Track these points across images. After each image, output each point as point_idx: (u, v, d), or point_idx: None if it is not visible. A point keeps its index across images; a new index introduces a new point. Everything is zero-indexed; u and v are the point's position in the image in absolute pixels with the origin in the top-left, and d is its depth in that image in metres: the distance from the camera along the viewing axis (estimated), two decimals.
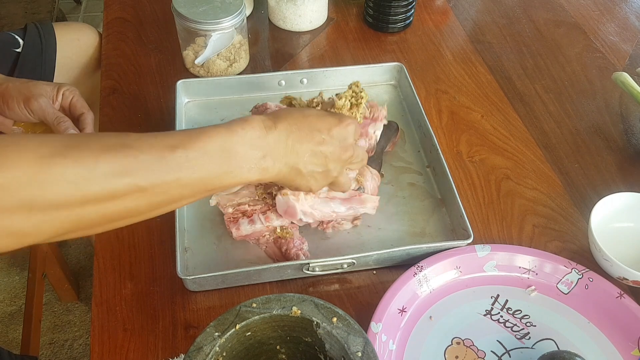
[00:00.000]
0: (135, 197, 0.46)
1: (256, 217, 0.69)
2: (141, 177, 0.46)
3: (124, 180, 0.45)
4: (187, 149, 0.48)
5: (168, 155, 0.47)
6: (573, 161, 0.84)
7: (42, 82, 0.75)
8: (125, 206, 0.46)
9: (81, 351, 1.42)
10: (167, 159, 0.47)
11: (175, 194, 0.49)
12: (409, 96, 0.88)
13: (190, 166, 0.48)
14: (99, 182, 0.44)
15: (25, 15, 1.58)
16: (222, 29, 0.87)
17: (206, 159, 0.49)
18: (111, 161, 0.44)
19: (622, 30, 1.08)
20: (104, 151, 0.44)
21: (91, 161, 0.43)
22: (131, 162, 0.45)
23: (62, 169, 0.42)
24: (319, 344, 0.51)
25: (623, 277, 0.67)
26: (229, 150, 0.51)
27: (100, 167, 0.44)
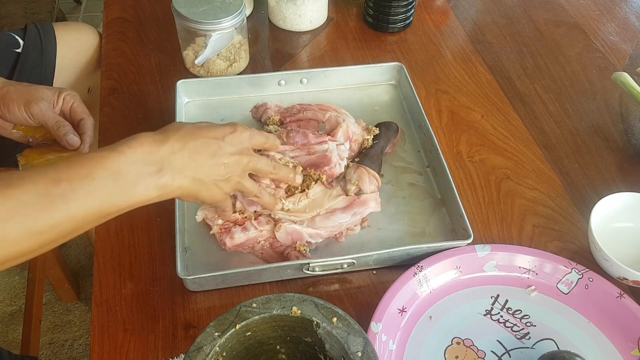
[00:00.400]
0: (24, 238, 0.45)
1: (249, 224, 0.69)
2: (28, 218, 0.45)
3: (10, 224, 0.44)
4: (72, 179, 0.47)
5: (52, 190, 0.46)
6: (573, 161, 0.84)
7: (43, 87, 0.75)
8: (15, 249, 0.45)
9: (81, 351, 1.42)
10: (51, 195, 0.46)
11: (67, 227, 0.48)
12: (409, 96, 0.88)
13: (77, 197, 0.47)
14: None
15: (25, 15, 1.58)
16: (222, 29, 0.87)
17: (93, 186, 0.48)
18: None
19: (622, 30, 1.08)
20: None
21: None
22: (14, 205, 0.44)
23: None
24: (319, 344, 0.51)
25: (623, 277, 0.67)
26: (117, 172, 0.49)
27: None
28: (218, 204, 0.61)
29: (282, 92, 0.90)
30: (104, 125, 0.85)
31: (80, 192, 0.47)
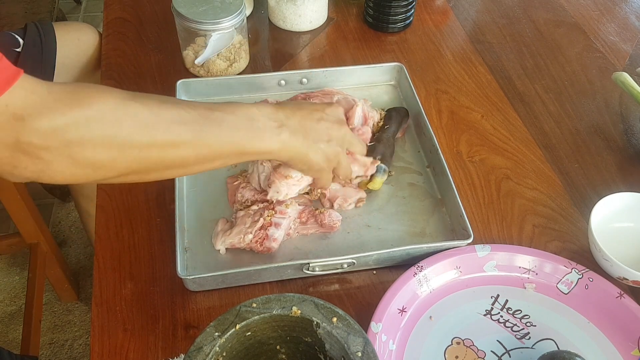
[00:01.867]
0: (187, 147, 0.54)
1: (275, 219, 0.69)
2: (192, 128, 0.54)
3: (181, 129, 0.53)
4: (223, 111, 0.57)
5: (209, 114, 0.56)
6: (573, 161, 0.84)
7: None
8: (179, 154, 0.54)
9: (81, 351, 1.42)
10: (209, 118, 0.56)
11: (217, 149, 0.57)
12: (409, 96, 0.88)
13: (226, 126, 0.57)
14: (162, 127, 0.52)
15: (25, 15, 1.58)
16: (222, 29, 0.87)
17: (237, 121, 0.57)
18: (171, 111, 0.53)
19: (622, 30, 1.08)
20: (164, 103, 0.53)
21: (156, 108, 0.52)
22: (184, 115, 0.54)
23: (135, 110, 0.51)
24: (319, 344, 0.51)
25: (623, 277, 0.67)
26: (252, 118, 0.59)
27: (163, 114, 0.52)
28: (320, 172, 0.66)
29: (282, 92, 0.89)
30: None
31: (227, 122, 0.57)
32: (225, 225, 0.71)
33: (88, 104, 0.48)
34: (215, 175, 0.78)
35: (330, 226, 0.71)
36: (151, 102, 0.52)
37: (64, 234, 1.66)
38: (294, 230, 0.71)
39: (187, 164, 0.56)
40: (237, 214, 0.71)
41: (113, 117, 0.49)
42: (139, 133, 0.51)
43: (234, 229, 0.69)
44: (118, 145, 0.50)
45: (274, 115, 0.61)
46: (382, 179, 0.76)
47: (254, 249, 0.69)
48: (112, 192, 0.76)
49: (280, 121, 0.61)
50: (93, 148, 0.49)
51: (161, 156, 0.53)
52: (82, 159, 0.49)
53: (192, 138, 0.54)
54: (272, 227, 0.69)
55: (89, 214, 1.28)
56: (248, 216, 0.70)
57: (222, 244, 0.69)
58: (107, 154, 0.50)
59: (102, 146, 0.49)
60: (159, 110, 0.52)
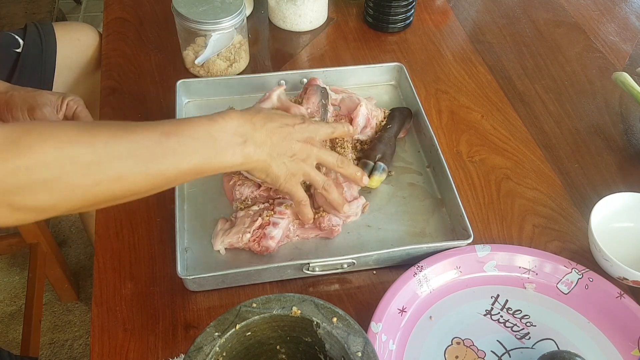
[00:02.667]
0: (138, 179, 0.53)
1: (273, 219, 0.69)
2: (143, 161, 0.53)
3: (129, 163, 0.52)
4: (179, 135, 0.55)
5: (164, 141, 0.54)
6: (573, 161, 0.84)
7: (46, 92, 0.75)
8: (129, 187, 0.53)
9: (81, 351, 1.42)
10: (163, 145, 0.54)
11: (171, 175, 0.55)
12: (409, 96, 0.88)
13: (183, 151, 0.55)
14: (108, 165, 0.50)
15: (25, 15, 1.58)
16: (222, 29, 0.87)
17: (196, 144, 0.56)
18: (118, 146, 0.51)
19: (622, 30, 1.08)
20: (111, 137, 0.51)
21: (101, 146, 0.50)
22: (134, 147, 0.52)
23: (77, 152, 0.49)
24: (319, 344, 0.51)
25: (623, 277, 0.67)
26: (214, 137, 0.57)
27: (109, 151, 0.50)
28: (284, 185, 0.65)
29: None
30: None
31: (185, 147, 0.55)
32: (224, 225, 0.71)
33: (27, 152, 0.46)
34: (216, 175, 0.78)
35: (330, 230, 0.71)
36: (97, 139, 0.50)
37: (64, 234, 1.66)
38: (293, 233, 0.71)
39: (140, 192, 0.55)
40: (237, 214, 0.71)
41: (54, 163, 0.47)
42: (82, 175, 0.49)
43: (233, 228, 0.69)
44: (60, 190, 0.49)
45: (240, 129, 0.60)
46: (381, 177, 0.76)
47: (252, 248, 0.69)
48: None
49: (246, 136, 0.60)
50: (34, 195, 0.47)
51: (109, 191, 0.52)
52: (22, 206, 0.47)
53: (142, 171, 0.53)
54: (270, 226, 0.69)
55: (89, 214, 1.28)
56: (247, 216, 0.70)
57: (222, 244, 0.69)
58: (50, 199, 0.48)
59: (43, 192, 0.48)
60: (105, 148, 0.50)
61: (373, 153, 0.77)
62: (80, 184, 0.49)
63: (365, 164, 0.76)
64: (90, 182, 0.50)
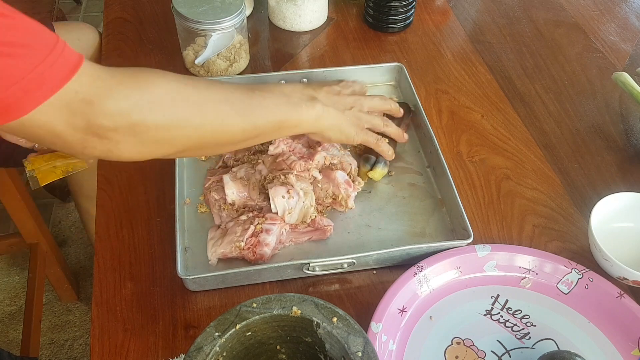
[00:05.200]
0: (235, 123, 0.60)
1: (265, 226, 0.68)
2: (238, 108, 0.60)
3: (228, 107, 0.59)
4: (262, 90, 0.64)
5: (251, 95, 0.62)
6: (573, 161, 0.84)
7: None
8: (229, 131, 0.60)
9: (81, 351, 1.42)
10: (252, 97, 0.62)
11: (261, 125, 0.63)
12: (409, 96, 0.88)
13: (267, 104, 0.63)
14: (211, 106, 0.58)
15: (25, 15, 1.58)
16: (222, 29, 0.87)
17: (275, 99, 0.64)
18: (218, 92, 0.59)
19: (622, 30, 1.08)
20: (210, 85, 0.60)
21: (203, 89, 0.58)
22: (229, 95, 0.60)
23: (187, 94, 0.56)
24: (319, 344, 0.51)
25: (623, 277, 0.67)
26: (287, 94, 0.67)
27: (211, 95, 0.58)
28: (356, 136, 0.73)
29: None
30: None
31: (268, 100, 0.63)
32: (215, 233, 0.70)
33: (147, 88, 0.53)
34: None
35: (322, 230, 0.71)
36: (199, 84, 0.58)
37: (64, 234, 1.66)
38: (286, 237, 0.71)
39: (235, 141, 0.62)
40: (227, 224, 0.71)
41: (170, 100, 0.54)
42: (192, 113, 0.56)
43: (224, 238, 0.68)
44: (176, 126, 0.55)
45: (305, 90, 0.68)
46: (383, 170, 0.77)
47: (246, 257, 0.68)
48: (112, 192, 0.76)
49: (311, 95, 0.68)
50: (155, 128, 0.53)
51: (214, 134, 0.59)
52: (146, 138, 0.53)
53: (239, 117, 0.60)
54: (264, 234, 0.68)
55: (89, 214, 1.28)
56: (238, 225, 0.69)
57: (214, 255, 0.68)
58: (168, 133, 0.55)
59: (162, 126, 0.54)
60: (207, 93, 0.58)
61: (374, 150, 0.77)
62: (191, 122, 0.56)
63: (368, 159, 0.78)
64: (200, 120, 0.57)
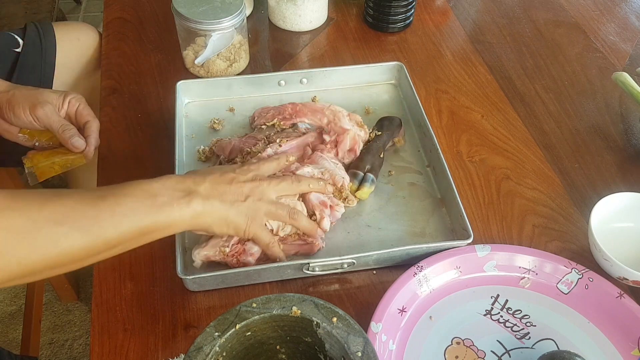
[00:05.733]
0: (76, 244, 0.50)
1: None
2: (80, 223, 0.50)
3: (64, 228, 0.49)
4: (116, 195, 0.53)
5: (100, 203, 0.52)
6: (573, 161, 0.84)
7: (48, 90, 0.75)
8: (67, 253, 0.50)
9: (81, 351, 1.42)
10: (99, 206, 0.52)
11: (112, 238, 0.52)
12: (409, 96, 0.88)
13: (121, 211, 0.53)
14: (43, 231, 0.48)
15: (25, 15, 1.58)
16: (222, 29, 0.87)
17: (134, 202, 0.54)
18: (52, 211, 0.49)
19: (622, 30, 1.08)
20: (44, 202, 0.49)
21: (35, 211, 0.48)
22: (69, 211, 0.50)
23: (8, 220, 0.47)
24: (319, 344, 0.51)
25: (623, 277, 0.67)
26: (154, 194, 0.55)
27: (43, 216, 0.49)
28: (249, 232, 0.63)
29: (282, 92, 0.89)
30: (104, 125, 0.85)
31: (123, 207, 0.53)
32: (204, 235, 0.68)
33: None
34: None
35: (310, 247, 0.69)
36: (31, 204, 0.49)
37: None
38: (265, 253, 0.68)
39: (81, 259, 0.52)
40: None
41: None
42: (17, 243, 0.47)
43: (210, 240, 0.67)
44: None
45: (179, 185, 0.58)
46: (370, 189, 0.75)
47: (229, 264, 0.66)
48: None
49: (188, 190, 0.58)
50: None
51: (46, 259, 0.49)
52: None
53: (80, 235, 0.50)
54: (250, 243, 0.66)
55: None
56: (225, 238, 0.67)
57: (197, 256, 0.66)
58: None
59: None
60: (39, 213, 0.49)
61: (362, 164, 0.76)
62: (15, 252, 0.47)
63: (355, 174, 0.75)
64: (26, 250, 0.48)
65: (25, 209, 0.48)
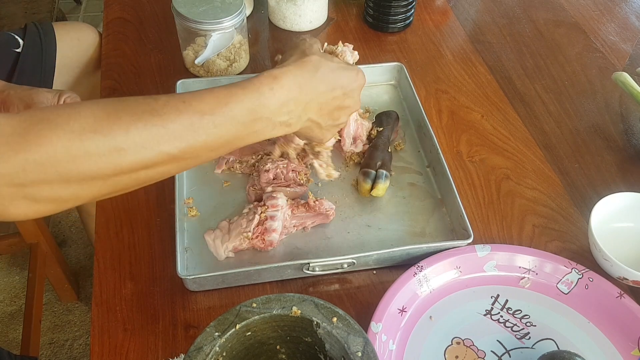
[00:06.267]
0: (166, 164, 0.49)
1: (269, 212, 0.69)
2: (171, 145, 0.48)
3: (155, 150, 0.47)
4: (215, 114, 0.50)
5: (196, 122, 0.49)
6: (573, 161, 0.84)
7: (43, 89, 0.75)
8: (156, 172, 0.49)
9: (81, 351, 1.42)
10: (195, 126, 0.49)
11: (202, 155, 0.51)
12: (409, 96, 0.88)
13: (217, 132, 0.50)
14: (130, 154, 0.46)
15: (25, 15, 1.58)
16: (222, 29, 0.87)
17: (233, 124, 0.51)
18: (141, 133, 0.46)
19: (622, 30, 1.08)
20: (133, 122, 0.46)
21: (122, 134, 0.45)
22: (160, 131, 0.47)
23: (93, 143, 0.44)
24: (319, 344, 0.51)
25: (623, 277, 0.67)
26: (256, 114, 0.52)
27: (131, 139, 0.46)
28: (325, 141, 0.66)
29: None
30: None
31: (220, 127, 0.50)
32: (216, 233, 0.70)
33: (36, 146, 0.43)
34: (215, 176, 0.78)
35: (325, 215, 0.72)
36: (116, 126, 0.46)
37: (64, 234, 1.66)
38: (290, 224, 0.71)
39: (169, 174, 0.51)
40: (232, 219, 0.71)
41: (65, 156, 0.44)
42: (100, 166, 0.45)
43: (231, 232, 0.69)
44: (77, 181, 0.45)
45: (286, 107, 0.55)
46: (385, 185, 0.75)
47: (256, 246, 0.69)
48: None
49: (292, 113, 0.56)
50: (50, 187, 0.45)
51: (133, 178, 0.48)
52: (40, 197, 0.45)
53: (171, 156, 0.48)
54: (269, 220, 0.69)
55: (89, 214, 1.28)
56: (242, 218, 0.70)
57: (226, 250, 0.69)
58: (68, 190, 0.45)
59: (59, 184, 0.45)
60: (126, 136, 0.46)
61: (373, 161, 0.76)
62: (99, 174, 0.46)
63: (368, 174, 0.75)
64: (111, 171, 0.46)
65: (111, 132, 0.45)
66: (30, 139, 0.43)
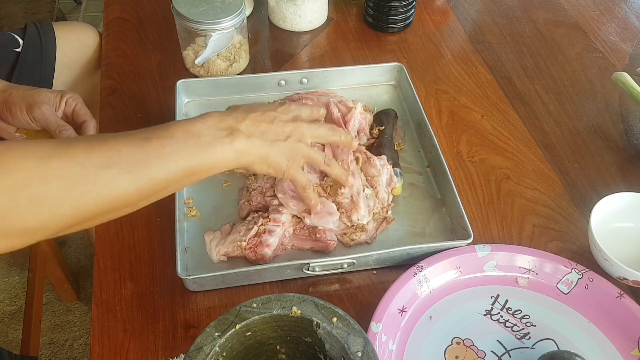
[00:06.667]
0: (126, 187, 0.50)
1: (269, 226, 0.68)
2: (127, 167, 0.50)
3: (113, 171, 0.49)
4: (160, 137, 0.53)
5: (145, 145, 0.52)
6: (573, 161, 0.84)
7: (45, 90, 0.75)
8: (119, 196, 0.50)
9: (81, 351, 1.42)
10: (144, 149, 0.51)
11: (161, 180, 0.53)
12: (409, 96, 0.88)
13: (166, 153, 0.52)
14: (92, 176, 0.48)
15: (25, 15, 1.58)
16: (222, 29, 0.87)
17: (179, 145, 0.54)
18: (98, 156, 0.49)
19: (622, 30, 1.08)
20: (89, 148, 0.49)
21: (81, 157, 0.48)
22: (115, 154, 0.50)
23: (58, 166, 0.47)
24: (319, 344, 0.51)
25: (623, 277, 0.67)
26: (195, 134, 0.55)
27: (91, 161, 0.48)
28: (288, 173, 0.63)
29: (282, 93, 0.89)
30: (104, 125, 0.85)
31: (168, 149, 0.53)
32: (215, 234, 0.70)
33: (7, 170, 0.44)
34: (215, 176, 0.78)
35: (325, 244, 0.70)
36: (77, 150, 0.48)
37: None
38: (288, 241, 0.70)
39: (132, 202, 0.52)
40: (234, 224, 0.71)
41: (37, 179, 0.45)
42: (68, 188, 0.47)
43: (227, 237, 0.69)
44: (48, 207, 0.46)
45: (221, 124, 0.57)
46: (401, 182, 0.76)
47: (247, 256, 0.68)
48: None
49: (230, 128, 0.57)
50: (21, 215, 0.45)
51: (99, 203, 0.49)
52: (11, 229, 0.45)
53: (129, 178, 0.50)
54: (266, 234, 0.68)
55: None
56: (242, 224, 0.70)
57: (218, 254, 0.68)
58: (38, 218, 0.46)
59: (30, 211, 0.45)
60: (86, 158, 0.48)
61: None
62: (68, 198, 0.47)
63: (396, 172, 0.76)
64: (78, 195, 0.47)
65: (73, 155, 0.48)
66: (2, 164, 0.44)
